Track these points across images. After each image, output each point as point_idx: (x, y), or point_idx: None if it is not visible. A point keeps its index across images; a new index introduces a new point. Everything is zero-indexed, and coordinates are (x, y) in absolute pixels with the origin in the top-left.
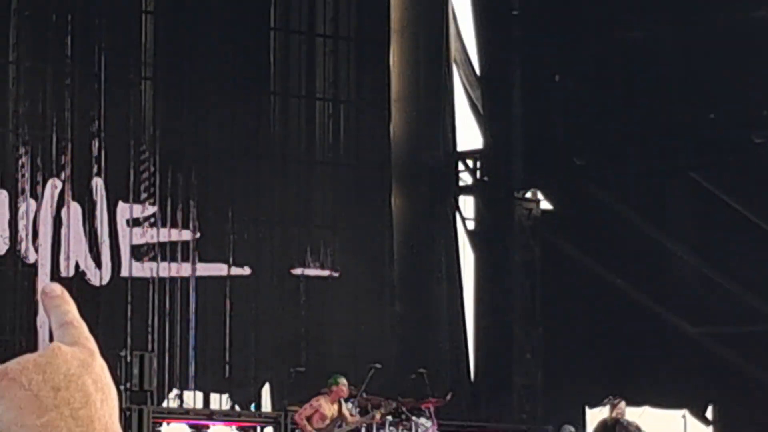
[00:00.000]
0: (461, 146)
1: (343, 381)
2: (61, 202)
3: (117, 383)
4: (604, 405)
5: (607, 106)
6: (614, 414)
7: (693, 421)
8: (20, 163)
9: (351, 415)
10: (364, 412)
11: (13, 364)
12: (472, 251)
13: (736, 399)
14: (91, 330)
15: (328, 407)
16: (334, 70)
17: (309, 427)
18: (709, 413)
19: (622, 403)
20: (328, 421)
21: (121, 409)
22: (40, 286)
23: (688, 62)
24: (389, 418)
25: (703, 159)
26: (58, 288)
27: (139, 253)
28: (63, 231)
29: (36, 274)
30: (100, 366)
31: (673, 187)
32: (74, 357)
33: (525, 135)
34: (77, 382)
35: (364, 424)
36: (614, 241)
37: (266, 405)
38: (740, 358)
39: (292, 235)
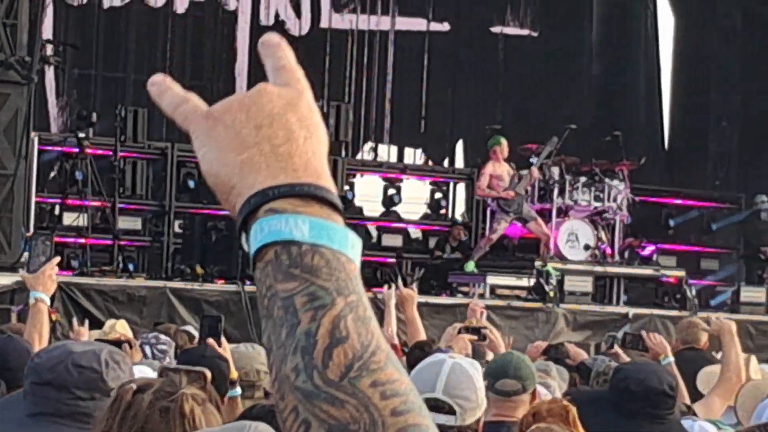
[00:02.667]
0: None
1: (503, 141)
2: None
3: None
4: None
5: None
6: None
7: None
8: None
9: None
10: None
11: (218, 105)
12: (672, 15)
13: None
14: None
15: (498, 167)
16: None
17: (493, 193)
18: None
19: None
20: (507, 179)
21: None
22: (239, 34)
23: None
24: (582, 179)
25: None
26: (276, 37)
27: (339, 4)
28: None
29: (236, 21)
30: (307, 106)
31: None
32: (281, 96)
33: None
34: (281, 120)
35: (538, 180)
36: None
37: (459, 161)
38: None
39: None
